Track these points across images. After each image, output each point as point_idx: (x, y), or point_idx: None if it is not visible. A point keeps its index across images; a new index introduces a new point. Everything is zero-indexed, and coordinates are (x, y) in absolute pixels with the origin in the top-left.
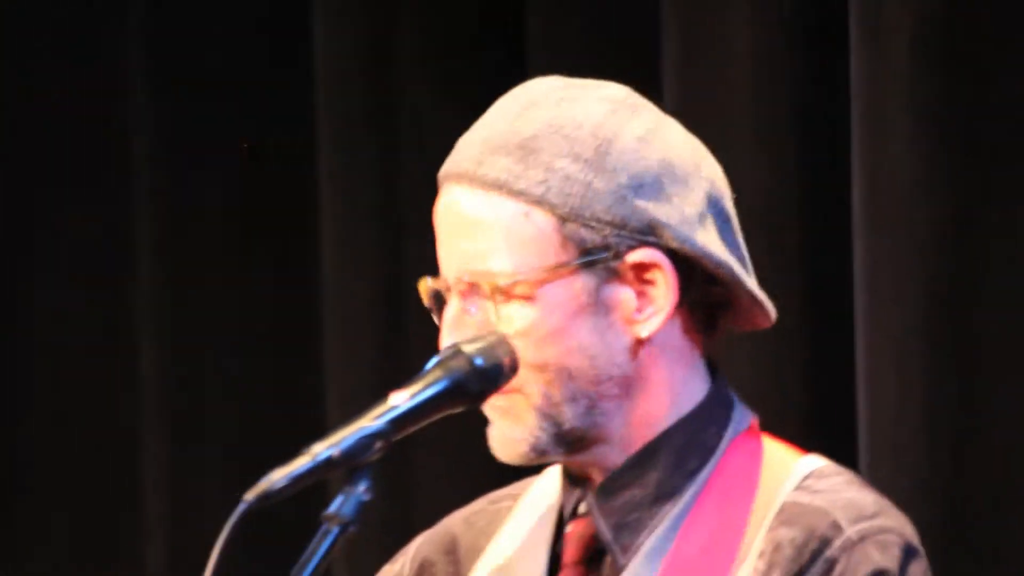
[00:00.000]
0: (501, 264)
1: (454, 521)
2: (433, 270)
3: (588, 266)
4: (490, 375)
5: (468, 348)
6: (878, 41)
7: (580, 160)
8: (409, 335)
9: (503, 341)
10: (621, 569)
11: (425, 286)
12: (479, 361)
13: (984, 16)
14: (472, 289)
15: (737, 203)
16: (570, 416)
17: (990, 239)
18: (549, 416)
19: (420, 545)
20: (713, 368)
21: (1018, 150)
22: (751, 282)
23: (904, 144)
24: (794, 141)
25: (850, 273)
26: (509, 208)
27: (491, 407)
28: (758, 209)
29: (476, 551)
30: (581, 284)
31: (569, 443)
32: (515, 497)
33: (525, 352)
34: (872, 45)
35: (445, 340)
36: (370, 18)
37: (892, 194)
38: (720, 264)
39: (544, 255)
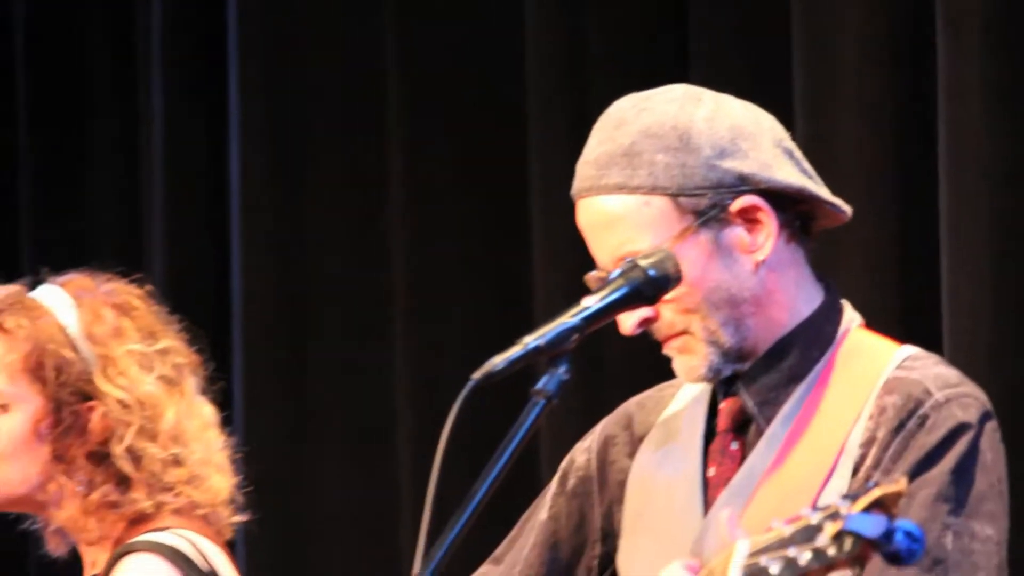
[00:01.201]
0: (640, 243)
1: (630, 404)
2: None
3: (704, 224)
4: (660, 283)
5: (643, 262)
6: (955, 28)
7: (671, 150)
8: (595, 264)
9: (671, 256)
10: (762, 433)
11: (591, 277)
12: (652, 272)
13: None
14: None
15: (843, 157)
16: (726, 337)
17: None
18: (712, 343)
19: (604, 425)
20: (827, 283)
21: None
22: (824, 192)
23: (978, 107)
24: (890, 108)
25: (936, 209)
26: (632, 202)
27: (670, 348)
28: (863, 162)
29: (647, 426)
30: (704, 239)
31: (732, 358)
32: (676, 386)
33: (682, 302)
34: (951, 31)
35: (624, 317)
36: (568, 15)
37: (970, 146)
38: (798, 188)
39: (669, 227)
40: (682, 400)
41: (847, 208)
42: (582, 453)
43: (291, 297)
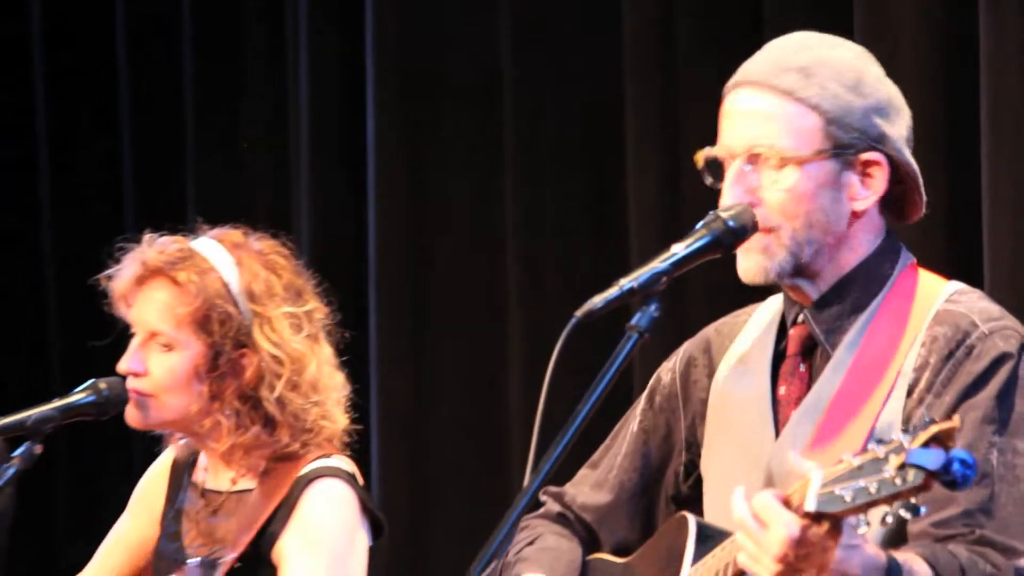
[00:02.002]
0: (785, 143)
1: (708, 330)
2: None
3: (837, 156)
4: (738, 232)
5: (724, 214)
6: (1000, 3)
7: (844, 85)
8: (682, 216)
9: (747, 210)
10: (828, 358)
11: (703, 154)
12: (731, 223)
13: None
14: (756, 158)
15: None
16: (806, 254)
17: None
18: (793, 253)
19: (686, 348)
20: (888, 228)
21: None
22: (921, 185)
23: (1018, 75)
24: (942, 79)
25: (978, 163)
26: (793, 108)
27: (753, 241)
28: (918, 128)
29: (723, 349)
30: (829, 167)
31: (796, 270)
32: (749, 313)
33: (786, 205)
34: (994, 6)
35: (727, 191)
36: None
37: (1009, 103)
38: (914, 170)
39: (812, 143)
40: (754, 326)
41: (924, 208)
42: (667, 373)
43: (419, 249)
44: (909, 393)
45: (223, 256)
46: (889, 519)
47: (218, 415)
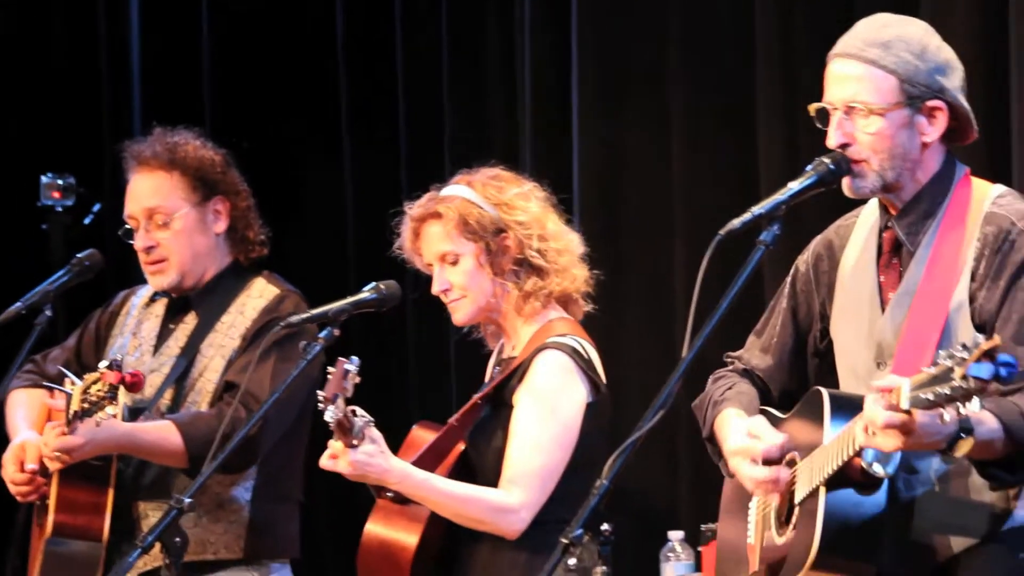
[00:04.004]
0: (871, 99)
1: (829, 232)
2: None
3: (909, 105)
4: (836, 172)
5: (826, 159)
6: None
7: (913, 54)
8: (799, 162)
9: (844, 156)
10: (911, 255)
11: (814, 106)
12: (831, 166)
13: None
14: (851, 110)
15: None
16: (890, 176)
17: None
18: (880, 175)
19: (815, 245)
20: (948, 148)
21: None
22: (973, 120)
23: None
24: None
25: (1008, 93)
26: (878, 73)
27: (852, 168)
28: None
29: (842, 247)
30: (904, 114)
31: (884, 188)
32: (856, 215)
33: (873, 143)
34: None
35: (832, 133)
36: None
37: None
38: (968, 114)
39: (891, 97)
40: (861, 227)
41: (975, 135)
42: (803, 264)
43: (612, 183)
44: (972, 278)
45: (456, 187)
46: (963, 410)
47: (505, 282)
